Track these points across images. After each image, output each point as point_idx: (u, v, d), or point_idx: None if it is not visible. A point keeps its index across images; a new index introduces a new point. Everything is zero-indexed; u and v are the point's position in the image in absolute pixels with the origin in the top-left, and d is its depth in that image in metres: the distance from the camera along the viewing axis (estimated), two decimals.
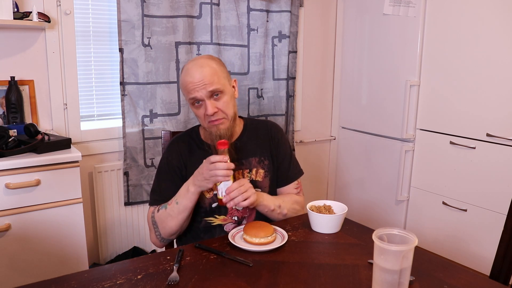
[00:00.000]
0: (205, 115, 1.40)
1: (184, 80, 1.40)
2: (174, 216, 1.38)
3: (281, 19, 2.79)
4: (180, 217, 1.38)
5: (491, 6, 2.23)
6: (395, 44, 2.72)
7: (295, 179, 1.59)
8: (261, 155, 1.52)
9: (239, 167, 1.47)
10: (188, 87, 1.39)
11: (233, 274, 1.11)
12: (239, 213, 1.46)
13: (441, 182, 2.57)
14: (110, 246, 2.44)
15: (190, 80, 1.38)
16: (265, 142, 1.55)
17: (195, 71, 1.38)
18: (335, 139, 3.33)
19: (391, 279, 0.94)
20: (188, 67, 1.41)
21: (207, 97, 1.38)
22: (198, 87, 1.37)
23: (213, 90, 1.38)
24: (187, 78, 1.39)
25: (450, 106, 2.47)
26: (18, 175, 1.72)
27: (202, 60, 1.43)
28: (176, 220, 1.39)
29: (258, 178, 1.49)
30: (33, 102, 2.16)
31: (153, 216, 1.44)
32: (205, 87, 1.37)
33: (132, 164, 2.41)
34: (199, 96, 1.38)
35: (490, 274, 1.40)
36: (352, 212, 1.66)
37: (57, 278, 1.08)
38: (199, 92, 1.37)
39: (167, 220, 1.40)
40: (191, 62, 1.43)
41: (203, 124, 1.45)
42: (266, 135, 1.56)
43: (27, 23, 1.96)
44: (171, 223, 1.39)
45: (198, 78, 1.37)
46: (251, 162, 1.50)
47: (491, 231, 2.30)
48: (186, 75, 1.40)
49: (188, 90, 1.39)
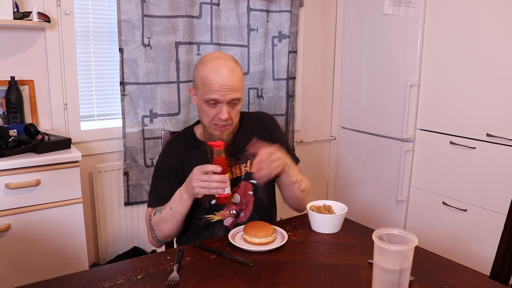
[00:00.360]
0: (215, 117, 1.38)
1: (209, 76, 1.35)
2: (168, 221, 1.38)
3: (281, 19, 2.79)
4: (174, 222, 1.38)
5: (491, 6, 2.23)
6: (395, 44, 2.72)
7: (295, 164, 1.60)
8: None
9: (235, 162, 1.48)
10: (212, 86, 1.34)
11: (233, 274, 1.11)
12: (237, 207, 1.47)
13: (441, 182, 2.57)
14: (110, 246, 2.44)
15: (218, 81, 1.33)
16: (260, 134, 1.54)
17: (226, 73, 1.34)
18: (335, 139, 3.33)
19: (391, 279, 0.94)
20: (217, 65, 1.36)
21: (227, 102, 1.36)
22: (224, 90, 1.34)
23: (236, 98, 1.37)
24: (215, 77, 1.34)
25: (450, 106, 2.47)
26: (18, 175, 1.72)
27: (232, 63, 1.38)
28: (170, 225, 1.39)
29: (253, 169, 1.49)
30: (33, 102, 2.16)
31: (150, 219, 1.44)
32: (230, 93, 1.34)
33: (132, 164, 2.41)
34: (221, 99, 1.35)
35: (490, 274, 1.40)
36: (352, 212, 1.66)
37: (57, 278, 1.08)
38: (223, 96, 1.34)
39: (162, 225, 1.40)
40: (221, 61, 1.37)
41: (207, 123, 1.43)
42: (260, 126, 1.56)
43: (27, 23, 1.96)
44: (166, 228, 1.39)
45: (228, 82, 1.34)
46: (246, 155, 1.50)
47: (491, 231, 2.30)
48: (215, 72, 1.34)
49: (211, 89, 1.34)
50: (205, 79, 1.36)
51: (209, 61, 1.38)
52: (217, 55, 1.41)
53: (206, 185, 1.25)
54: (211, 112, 1.38)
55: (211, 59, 1.39)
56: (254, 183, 1.49)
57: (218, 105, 1.37)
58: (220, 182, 1.25)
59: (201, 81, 1.38)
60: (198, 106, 1.44)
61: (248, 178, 1.49)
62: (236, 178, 1.47)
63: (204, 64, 1.39)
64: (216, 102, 1.36)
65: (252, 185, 1.49)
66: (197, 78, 1.41)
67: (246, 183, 1.48)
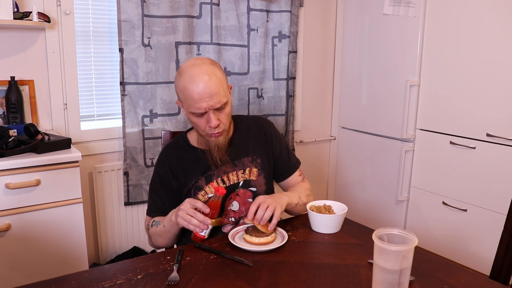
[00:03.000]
0: (206, 126, 1.37)
1: (187, 87, 1.31)
2: (162, 236, 1.41)
3: (281, 19, 2.79)
4: (167, 238, 1.41)
5: (491, 6, 2.23)
6: (395, 44, 2.72)
7: (297, 167, 1.61)
8: (253, 154, 1.51)
9: (233, 168, 1.47)
10: (193, 97, 1.30)
11: (233, 274, 1.11)
12: (236, 214, 1.47)
13: (441, 182, 2.57)
14: (110, 246, 2.44)
15: (198, 91, 1.29)
16: (258, 141, 1.54)
17: (203, 80, 1.30)
18: (335, 139, 3.33)
19: (391, 279, 0.94)
20: (193, 73, 1.31)
21: (211, 108, 1.33)
22: (204, 98, 1.30)
23: (220, 102, 1.32)
24: (192, 86, 1.30)
25: (450, 106, 2.47)
26: (18, 175, 1.72)
27: (206, 67, 1.33)
28: (164, 240, 1.42)
29: (252, 177, 1.49)
30: (33, 102, 2.16)
31: (148, 228, 1.48)
32: (212, 99, 1.31)
33: (132, 164, 2.41)
34: (205, 107, 1.31)
35: (490, 274, 1.40)
36: (352, 212, 1.66)
37: (57, 278, 1.08)
38: (204, 104, 1.31)
39: (157, 238, 1.44)
40: (196, 68, 1.32)
41: (201, 133, 1.41)
42: (258, 133, 1.55)
43: (27, 23, 1.96)
44: (160, 240, 1.43)
45: (207, 90, 1.30)
46: (244, 163, 1.49)
47: (491, 231, 2.30)
48: (191, 82, 1.31)
49: (193, 100, 1.31)
50: (184, 91, 1.33)
51: (184, 72, 1.34)
52: (192, 63, 1.35)
53: (188, 219, 1.26)
54: (200, 122, 1.37)
55: (186, 68, 1.34)
56: (254, 191, 1.49)
57: (205, 114, 1.35)
58: (201, 223, 1.25)
59: (182, 94, 1.36)
60: (187, 118, 1.42)
61: (247, 185, 1.48)
62: (233, 185, 1.47)
63: (180, 75, 1.35)
64: (202, 112, 1.34)
65: (251, 192, 1.48)
66: (178, 91, 1.38)
67: (245, 191, 1.48)
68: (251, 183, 1.49)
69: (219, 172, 1.46)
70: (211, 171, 1.45)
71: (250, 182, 1.49)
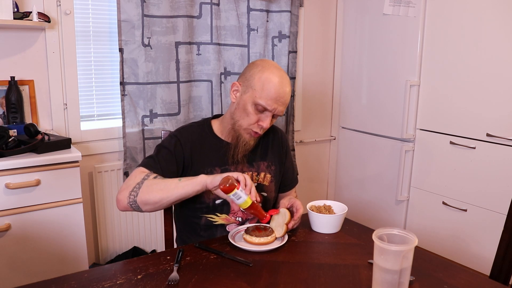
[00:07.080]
0: (256, 123, 1.40)
1: (272, 81, 1.37)
2: (163, 190, 1.27)
3: (281, 19, 2.79)
4: (167, 195, 1.27)
5: (491, 6, 2.23)
6: (395, 44, 2.72)
7: (296, 183, 1.68)
8: (269, 161, 1.54)
9: (249, 169, 1.49)
10: (272, 92, 1.37)
11: (233, 274, 1.11)
12: (244, 215, 1.46)
13: (441, 182, 2.57)
14: (110, 246, 2.44)
15: (278, 91, 1.37)
16: (276, 149, 1.57)
17: (286, 86, 1.39)
18: (335, 139, 3.33)
19: (391, 279, 0.94)
20: (281, 76, 1.40)
21: (274, 112, 1.40)
22: (281, 102, 1.38)
23: (282, 113, 1.42)
24: (277, 84, 1.37)
25: (450, 106, 2.47)
26: (18, 175, 1.72)
27: (288, 80, 1.43)
28: (161, 194, 1.27)
29: (265, 182, 1.51)
30: (33, 102, 2.16)
31: (144, 178, 1.30)
32: (282, 106, 1.40)
33: (132, 164, 2.41)
34: (273, 108, 1.38)
35: (490, 274, 1.40)
36: (352, 212, 1.66)
37: (57, 278, 1.08)
38: (275, 105, 1.38)
39: (154, 191, 1.27)
40: (283, 74, 1.41)
41: (243, 125, 1.42)
42: (278, 142, 1.59)
43: (27, 23, 1.96)
44: (154, 194, 1.27)
45: (285, 96, 1.39)
46: (260, 166, 1.51)
47: (491, 231, 2.30)
48: (277, 81, 1.38)
49: (269, 96, 1.37)
50: (266, 84, 1.38)
51: (273, 68, 1.40)
52: (278, 66, 1.44)
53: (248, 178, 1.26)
54: (254, 116, 1.40)
55: (273, 67, 1.41)
56: (265, 196, 1.51)
57: (264, 113, 1.40)
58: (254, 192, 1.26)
59: (259, 82, 1.38)
60: (239, 104, 1.42)
61: (259, 189, 1.49)
62: None
63: (266, 68, 1.40)
64: (264, 110, 1.38)
65: (262, 197, 1.50)
66: (255, 78, 1.40)
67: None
68: (264, 188, 1.51)
69: (236, 169, 1.46)
70: (228, 165, 1.45)
71: (263, 187, 1.51)
